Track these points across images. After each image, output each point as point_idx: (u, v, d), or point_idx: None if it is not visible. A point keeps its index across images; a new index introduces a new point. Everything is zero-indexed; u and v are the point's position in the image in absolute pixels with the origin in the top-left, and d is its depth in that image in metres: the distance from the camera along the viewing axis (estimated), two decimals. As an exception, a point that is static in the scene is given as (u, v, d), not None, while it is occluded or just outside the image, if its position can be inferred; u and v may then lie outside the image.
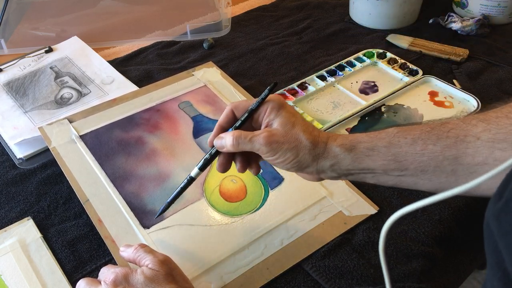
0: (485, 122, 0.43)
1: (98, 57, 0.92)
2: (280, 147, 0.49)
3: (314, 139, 0.50)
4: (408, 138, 0.46)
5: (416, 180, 0.47)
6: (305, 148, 0.49)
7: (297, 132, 0.49)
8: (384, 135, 0.48)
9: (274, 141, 0.49)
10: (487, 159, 0.42)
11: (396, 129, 0.48)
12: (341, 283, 0.54)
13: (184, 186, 0.55)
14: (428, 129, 0.46)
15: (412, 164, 0.46)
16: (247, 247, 0.58)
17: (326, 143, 0.50)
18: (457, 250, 0.61)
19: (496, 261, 0.34)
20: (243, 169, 0.54)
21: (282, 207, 0.62)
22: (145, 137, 0.72)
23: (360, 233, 0.59)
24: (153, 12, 1.08)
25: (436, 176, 0.45)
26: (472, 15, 0.99)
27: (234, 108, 0.53)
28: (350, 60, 0.89)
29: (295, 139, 0.49)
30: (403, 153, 0.46)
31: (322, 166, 0.50)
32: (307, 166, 0.50)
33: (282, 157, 0.49)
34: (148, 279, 0.46)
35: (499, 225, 0.33)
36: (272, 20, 1.06)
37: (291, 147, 0.49)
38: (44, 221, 0.62)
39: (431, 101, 0.80)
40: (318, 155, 0.50)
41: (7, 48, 0.97)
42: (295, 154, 0.49)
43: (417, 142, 0.46)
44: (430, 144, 0.45)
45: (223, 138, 0.51)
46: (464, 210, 0.62)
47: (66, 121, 0.74)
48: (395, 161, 0.47)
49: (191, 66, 0.89)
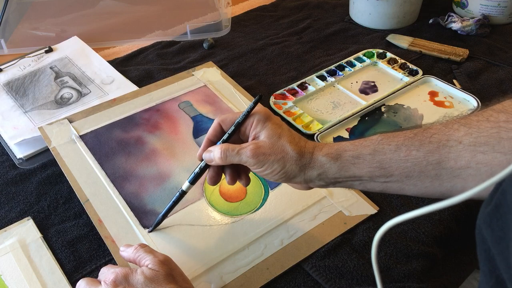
0: (467, 126, 0.43)
1: (98, 57, 0.92)
2: (267, 158, 0.50)
3: (300, 150, 0.50)
4: (392, 145, 0.47)
5: (402, 185, 0.47)
6: (292, 159, 0.50)
7: (283, 143, 0.50)
8: (368, 142, 0.49)
9: (261, 153, 0.50)
10: (470, 162, 0.42)
11: (380, 136, 0.49)
12: (341, 283, 0.54)
13: (176, 200, 0.57)
14: (411, 135, 0.47)
15: (396, 170, 0.46)
16: (247, 247, 0.58)
17: (312, 153, 0.50)
18: (457, 250, 0.61)
19: (490, 268, 0.34)
20: (232, 181, 0.55)
21: (282, 207, 0.62)
22: (145, 137, 0.72)
23: (360, 233, 0.59)
24: (153, 12, 1.08)
25: (421, 181, 0.46)
26: (472, 15, 0.99)
27: (221, 122, 0.54)
28: (350, 60, 0.89)
29: (281, 151, 0.50)
30: (388, 160, 0.47)
31: (310, 176, 0.51)
32: (294, 176, 0.51)
33: (269, 168, 0.50)
34: (148, 279, 0.46)
35: (491, 231, 0.33)
36: (272, 20, 1.06)
37: (278, 159, 0.50)
38: (44, 221, 0.63)
39: (431, 101, 0.80)
40: (305, 165, 0.50)
41: (7, 48, 0.97)
42: (282, 165, 0.50)
43: (401, 149, 0.46)
44: (413, 150, 0.45)
45: (211, 151, 0.52)
46: (464, 210, 0.62)
47: (66, 121, 0.74)
48: (380, 168, 0.47)
49: (191, 66, 0.89)
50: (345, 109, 0.79)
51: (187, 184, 0.55)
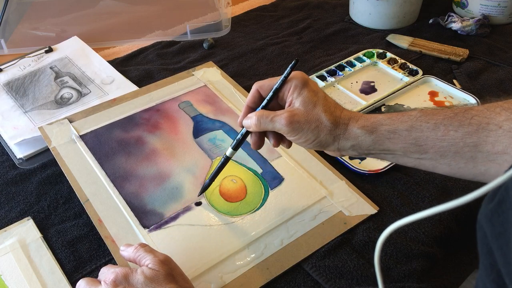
0: (509, 111, 0.43)
1: (98, 57, 0.92)
2: (301, 127, 0.50)
3: (335, 120, 0.50)
4: (431, 123, 0.46)
5: (435, 164, 0.47)
6: (326, 128, 0.50)
7: (318, 112, 0.50)
8: (406, 118, 0.48)
9: (295, 121, 0.50)
10: (507, 148, 0.42)
11: (419, 113, 0.48)
12: (341, 283, 0.54)
13: (221, 165, 0.59)
14: (451, 115, 0.46)
15: (432, 148, 0.46)
16: (247, 247, 0.58)
17: (348, 124, 0.50)
18: (457, 250, 0.61)
19: (490, 262, 0.34)
20: (276, 144, 0.55)
21: (282, 207, 0.62)
22: (145, 137, 0.72)
23: (360, 233, 0.59)
24: (153, 12, 1.08)
25: (455, 161, 0.46)
26: (472, 15, 0.99)
27: (259, 88, 0.54)
28: (350, 60, 0.89)
29: (316, 120, 0.50)
30: (424, 137, 0.46)
31: (343, 146, 0.51)
32: (327, 145, 0.51)
33: (303, 137, 0.51)
34: (148, 279, 0.46)
35: (492, 226, 0.33)
36: (272, 20, 1.06)
37: (312, 128, 0.50)
38: (44, 221, 0.62)
39: (431, 101, 0.80)
40: (339, 136, 0.50)
41: (7, 48, 0.97)
42: (316, 134, 0.50)
43: (439, 128, 0.46)
44: (451, 130, 0.45)
45: (250, 118, 0.53)
46: (464, 210, 0.62)
47: (66, 121, 0.74)
48: (415, 144, 0.47)
49: (191, 66, 0.89)
50: (345, 109, 0.79)
51: (230, 151, 0.57)
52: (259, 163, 0.68)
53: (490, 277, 0.34)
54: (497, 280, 0.33)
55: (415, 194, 0.64)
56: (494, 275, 0.33)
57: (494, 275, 0.33)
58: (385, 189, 0.65)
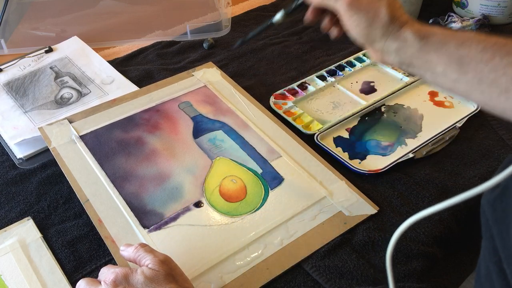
0: None
1: (98, 57, 0.92)
2: (359, 10, 0.50)
3: (394, 17, 0.50)
4: (481, 45, 0.46)
5: (470, 89, 0.47)
6: (381, 21, 0.50)
7: (382, 4, 0.50)
8: (460, 35, 0.48)
9: (357, 3, 0.50)
10: None
11: (474, 34, 0.48)
12: (341, 283, 0.54)
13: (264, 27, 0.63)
14: (503, 42, 0.46)
15: (473, 71, 0.46)
16: (247, 247, 0.58)
17: (402, 26, 0.50)
18: (457, 250, 0.61)
19: (493, 246, 0.34)
20: (328, 26, 0.57)
21: (282, 207, 0.62)
22: (145, 137, 0.72)
23: (360, 233, 0.59)
24: (153, 12, 1.08)
25: (489, 90, 0.45)
26: (472, 15, 0.99)
27: None
28: (350, 60, 0.89)
29: (376, 9, 0.50)
30: (469, 57, 0.46)
31: (388, 47, 0.51)
32: (374, 40, 0.51)
33: (356, 21, 0.51)
34: (148, 279, 0.46)
35: (493, 212, 0.33)
36: (272, 20, 1.06)
37: (369, 16, 0.50)
38: (44, 221, 0.63)
39: (431, 101, 0.80)
40: (389, 33, 0.50)
41: (7, 48, 0.97)
42: (370, 22, 0.50)
43: (487, 51, 0.46)
44: (497, 57, 0.45)
45: None
46: (464, 210, 0.62)
47: (66, 121, 0.74)
48: (458, 63, 0.47)
49: (191, 66, 0.89)
50: (345, 109, 0.79)
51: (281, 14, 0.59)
52: (259, 163, 0.68)
53: (493, 260, 0.34)
54: (499, 264, 0.33)
55: (415, 194, 0.64)
56: (497, 258, 0.34)
57: (497, 258, 0.34)
58: (385, 189, 0.65)
